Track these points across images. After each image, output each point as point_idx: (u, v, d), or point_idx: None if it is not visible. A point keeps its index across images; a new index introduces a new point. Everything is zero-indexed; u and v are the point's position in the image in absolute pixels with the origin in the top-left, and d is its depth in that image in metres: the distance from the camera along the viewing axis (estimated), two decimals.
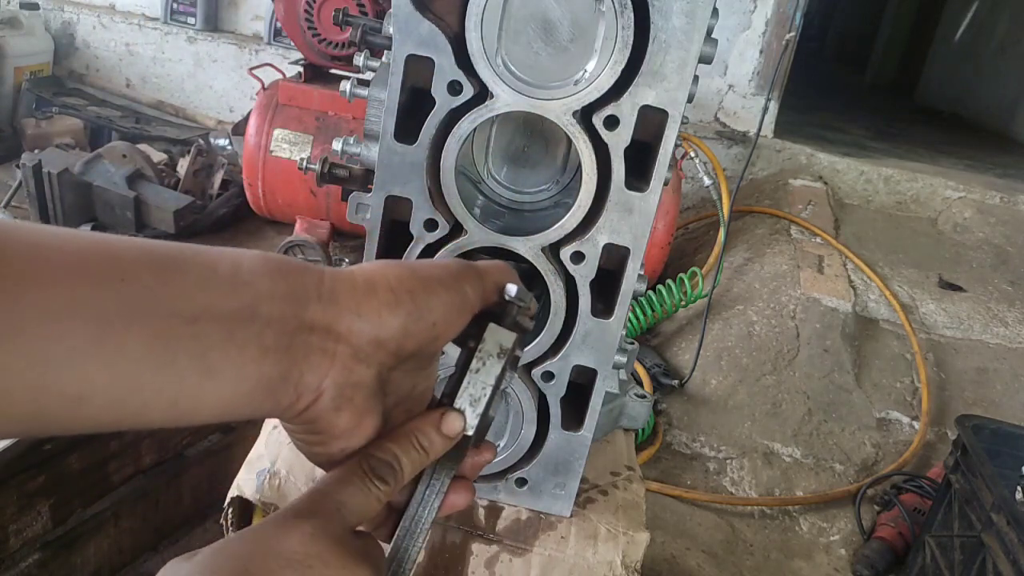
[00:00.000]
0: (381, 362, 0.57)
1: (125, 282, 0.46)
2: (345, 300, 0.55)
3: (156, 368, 0.47)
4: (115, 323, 0.45)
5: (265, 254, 0.55)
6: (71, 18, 5.49)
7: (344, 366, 0.55)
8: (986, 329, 3.46)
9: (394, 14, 0.78)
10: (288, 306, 0.52)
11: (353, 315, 0.55)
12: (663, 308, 3.28)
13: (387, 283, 0.56)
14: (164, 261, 0.49)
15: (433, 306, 0.57)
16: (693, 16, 0.76)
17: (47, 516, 1.58)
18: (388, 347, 0.56)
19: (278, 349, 0.52)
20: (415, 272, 0.58)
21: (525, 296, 0.61)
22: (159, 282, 0.48)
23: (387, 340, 0.56)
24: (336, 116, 3.52)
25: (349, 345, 0.55)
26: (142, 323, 0.46)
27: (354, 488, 0.55)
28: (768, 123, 4.51)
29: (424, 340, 0.58)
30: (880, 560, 2.49)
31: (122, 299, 0.46)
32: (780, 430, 2.98)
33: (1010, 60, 7.14)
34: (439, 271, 0.59)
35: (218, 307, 0.49)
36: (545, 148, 0.99)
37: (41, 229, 0.45)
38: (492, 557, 1.00)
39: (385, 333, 0.55)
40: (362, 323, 0.55)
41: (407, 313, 0.56)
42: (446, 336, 0.59)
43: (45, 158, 3.68)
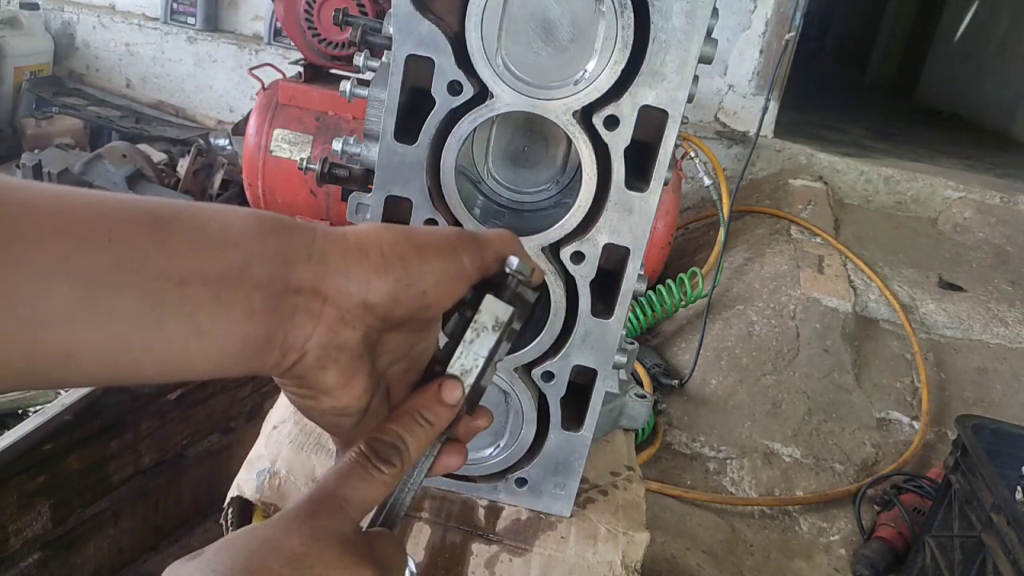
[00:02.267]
0: (369, 325, 0.57)
1: (114, 242, 0.46)
2: (334, 262, 0.55)
3: (145, 328, 0.47)
4: (104, 283, 0.46)
5: (258, 212, 0.55)
6: (71, 18, 5.49)
7: (329, 327, 0.55)
8: (986, 329, 3.46)
9: (394, 14, 0.78)
10: (277, 267, 0.53)
11: (341, 277, 0.55)
12: (663, 308, 3.28)
13: (379, 247, 0.56)
14: (155, 221, 0.49)
15: (424, 274, 0.57)
16: (693, 16, 0.76)
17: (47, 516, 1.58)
18: (376, 311, 0.56)
19: (265, 311, 0.52)
20: (410, 238, 0.58)
21: (525, 268, 0.60)
22: (149, 242, 0.48)
23: (375, 304, 0.56)
24: (336, 116, 3.52)
25: (336, 307, 0.55)
26: (131, 284, 0.47)
27: (357, 480, 0.55)
28: (768, 123, 4.51)
29: (414, 307, 0.57)
30: (880, 560, 2.49)
31: (111, 259, 0.46)
32: (780, 430, 2.98)
33: (1010, 60, 7.14)
34: (435, 238, 0.59)
35: (207, 268, 0.50)
36: (545, 148, 0.99)
37: (32, 186, 0.45)
38: (492, 557, 1.00)
39: (373, 297, 0.55)
40: (350, 286, 0.55)
41: (396, 279, 0.56)
42: (439, 305, 0.59)
43: (45, 158, 3.68)
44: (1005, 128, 6.91)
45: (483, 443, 1.01)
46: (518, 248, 0.63)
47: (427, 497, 1.03)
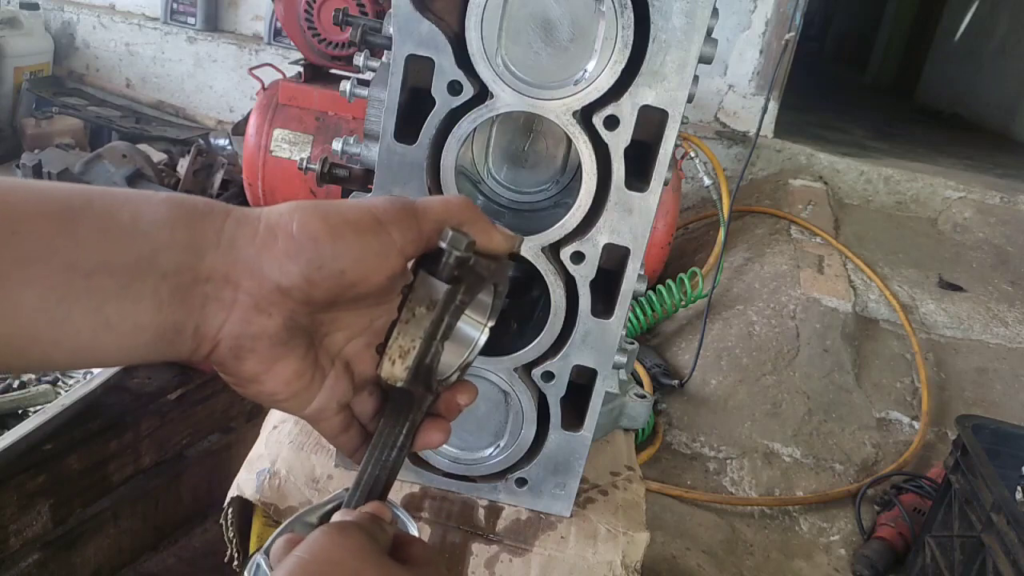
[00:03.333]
0: (290, 310, 0.55)
1: (18, 235, 0.46)
2: (244, 248, 0.53)
3: (52, 323, 0.47)
4: (9, 278, 0.46)
5: (172, 198, 0.54)
6: (71, 18, 5.49)
7: (242, 317, 0.54)
8: (986, 329, 3.46)
9: (394, 14, 0.78)
10: (186, 256, 0.52)
11: (252, 264, 0.53)
12: (663, 308, 3.28)
13: (288, 229, 0.54)
14: (64, 211, 0.48)
15: (339, 253, 0.54)
16: (693, 16, 0.76)
17: (47, 516, 1.58)
18: (293, 295, 0.54)
19: (173, 301, 0.51)
20: (325, 216, 0.55)
21: (459, 241, 0.56)
22: (56, 233, 0.47)
23: (289, 288, 0.54)
24: (336, 116, 3.52)
25: (249, 295, 0.53)
26: (37, 277, 0.46)
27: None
28: (768, 123, 4.51)
29: (335, 287, 0.55)
30: (880, 560, 2.49)
31: (16, 253, 0.46)
32: (780, 430, 2.98)
33: (1010, 60, 7.14)
34: (354, 213, 0.56)
35: (115, 259, 0.49)
36: (545, 148, 0.99)
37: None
38: (492, 557, 1.00)
39: (286, 281, 0.53)
40: (262, 272, 0.53)
41: (307, 261, 0.53)
42: (368, 282, 0.56)
43: (45, 158, 3.68)
44: (1005, 128, 6.91)
45: (483, 443, 1.01)
46: (466, 214, 0.59)
47: (427, 497, 1.03)
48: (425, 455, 1.01)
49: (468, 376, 0.67)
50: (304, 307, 0.55)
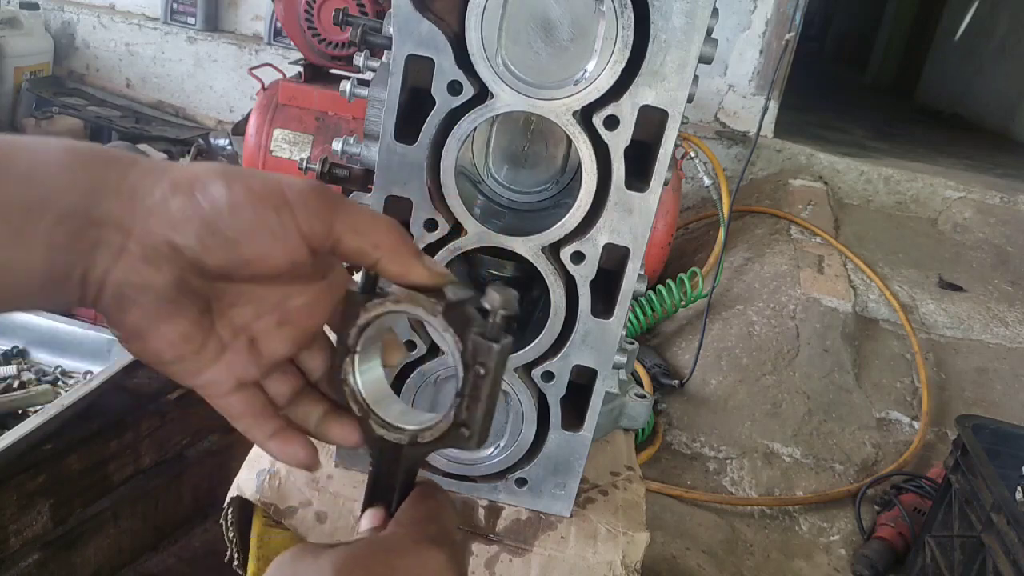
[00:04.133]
0: (181, 269, 0.53)
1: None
2: (144, 198, 0.52)
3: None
4: None
5: (73, 143, 0.53)
6: (71, 18, 5.49)
7: (130, 265, 0.52)
8: (986, 329, 3.46)
9: (394, 14, 0.78)
10: (82, 200, 0.51)
11: (148, 215, 0.52)
12: (663, 308, 3.28)
13: (191, 188, 0.52)
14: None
15: (234, 223, 0.52)
16: (693, 16, 0.76)
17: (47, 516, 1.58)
18: (186, 255, 0.53)
19: (66, 245, 0.51)
20: (230, 183, 0.53)
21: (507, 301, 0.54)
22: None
23: (183, 248, 0.52)
24: (336, 116, 3.52)
25: (139, 244, 0.52)
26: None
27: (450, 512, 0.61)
28: (768, 123, 4.51)
29: (228, 259, 0.53)
30: (880, 560, 2.49)
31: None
32: (780, 430, 2.98)
33: (1010, 60, 7.14)
34: (264, 187, 0.54)
35: (10, 203, 0.49)
36: (545, 148, 0.99)
37: None
38: (492, 557, 1.00)
39: (179, 240, 0.52)
40: (155, 223, 0.52)
41: (201, 223, 0.52)
42: (265, 261, 0.54)
43: None
44: (1005, 128, 6.91)
45: None
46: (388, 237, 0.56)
47: None
48: None
49: None
50: (197, 271, 0.54)
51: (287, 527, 1.00)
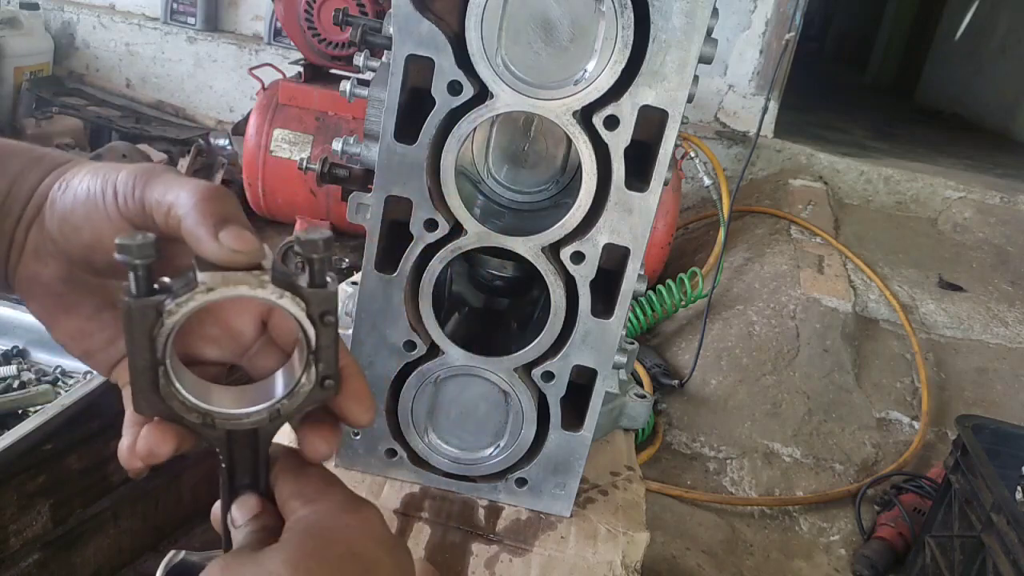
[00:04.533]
0: (67, 265, 0.57)
1: None
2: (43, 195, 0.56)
3: None
4: None
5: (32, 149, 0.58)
6: (71, 18, 5.49)
7: (26, 261, 0.57)
8: (986, 329, 3.46)
9: (394, 14, 0.78)
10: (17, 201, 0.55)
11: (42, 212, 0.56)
12: (663, 308, 3.28)
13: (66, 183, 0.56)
14: None
15: (76, 211, 0.55)
16: (693, 16, 0.76)
17: (47, 516, 1.58)
18: (61, 248, 0.56)
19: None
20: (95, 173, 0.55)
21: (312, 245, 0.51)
22: None
23: (55, 240, 0.56)
24: (336, 116, 3.52)
25: (32, 240, 0.56)
26: None
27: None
28: (768, 123, 4.51)
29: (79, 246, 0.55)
30: (880, 560, 2.49)
31: None
32: (780, 430, 2.98)
33: (1010, 60, 7.14)
34: (108, 174, 0.55)
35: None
36: (545, 148, 0.99)
37: None
38: (492, 557, 1.00)
39: (51, 233, 0.56)
40: (46, 219, 0.56)
41: (62, 215, 0.55)
42: (102, 248, 0.54)
43: None
44: (1005, 128, 6.91)
45: (483, 443, 1.01)
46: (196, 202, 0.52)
47: (427, 497, 1.03)
48: (425, 455, 1.01)
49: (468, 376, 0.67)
50: (78, 266, 0.57)
51: None
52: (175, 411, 0.54)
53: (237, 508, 0.57)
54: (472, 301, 1.14)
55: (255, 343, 0.60)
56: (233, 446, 0.57)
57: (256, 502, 0.57)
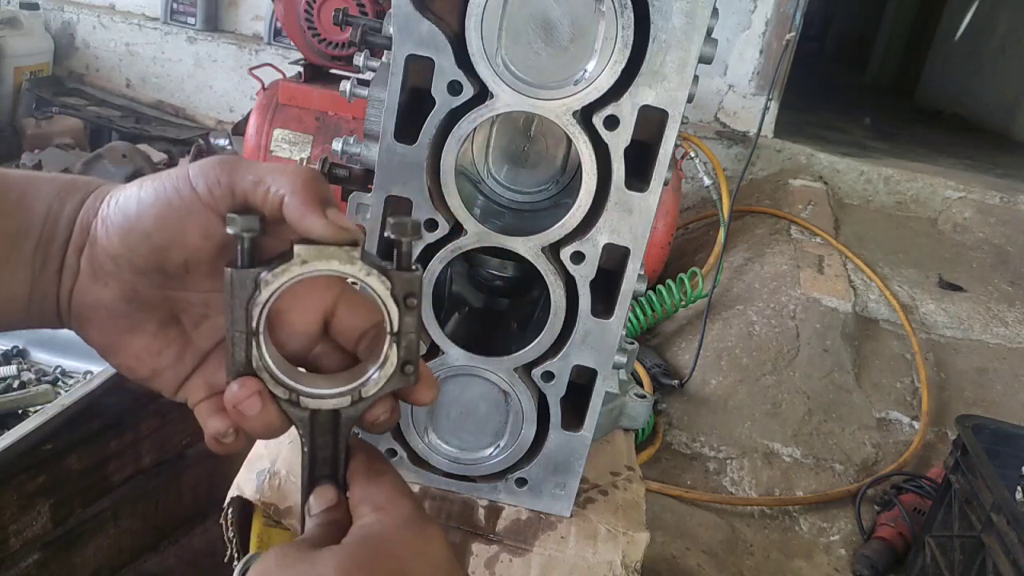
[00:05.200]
0: (128, 282, 0.55)
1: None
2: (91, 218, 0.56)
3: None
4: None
5: (57, 176, 0.57)
6: (71, 18, 5.49)
7: (83, 285, 0.56)
8: (986, 329, 3.46)
9: (394, 14, 0.78)
10: (53, 226, 0.55)
11: (93, 233, 0.55)
12: (663, 308, 3.28)
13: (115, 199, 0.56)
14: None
15: (143, 213, 0.54)
16: (693, 16, 0.76)
17: (47, 516, 1.58)
18: (122, 264, 0.55)
19: (42, 269, 0.55)
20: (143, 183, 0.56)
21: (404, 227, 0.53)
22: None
23: (116, 256, 0.55)
24: (336, 116, 3.52)
25: (88, 262, 0.55)
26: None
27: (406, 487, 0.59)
28: (768, 123, 4.51)
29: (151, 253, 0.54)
30: (880, 560, 2.49)
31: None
32: (780, 430, 2.98)
33: (1010, 60, 7.14)
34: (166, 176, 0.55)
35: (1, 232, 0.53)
36: (545, 148, 0.99)
37: None
38: (492, 557, 1.00)
39: (112, 249, 0.55)
40: (96, 241, 0.55)
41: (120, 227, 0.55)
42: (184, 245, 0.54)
43: (45, 158, 3.68)
44: (1005, 128, 6.91)
45: (483, 443, 1.01)
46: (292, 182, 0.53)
47: (427, 497, 1.03)
48: (425, 455, 1.01)
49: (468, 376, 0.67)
50: (143, 280, 0.55)
51: (287, 527, 1.00)
52: (264, 383, 0.56)
53: (315, 498, 0.58)
54: (472, 301, 1.14)
55: (317, 345, 0.61)
56: (315, 429, 0.58)
57: (333, 495, 0.58)
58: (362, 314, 0.59)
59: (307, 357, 0.61)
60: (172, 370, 0.59)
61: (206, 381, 0.60)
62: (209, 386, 0.60)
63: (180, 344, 0.59)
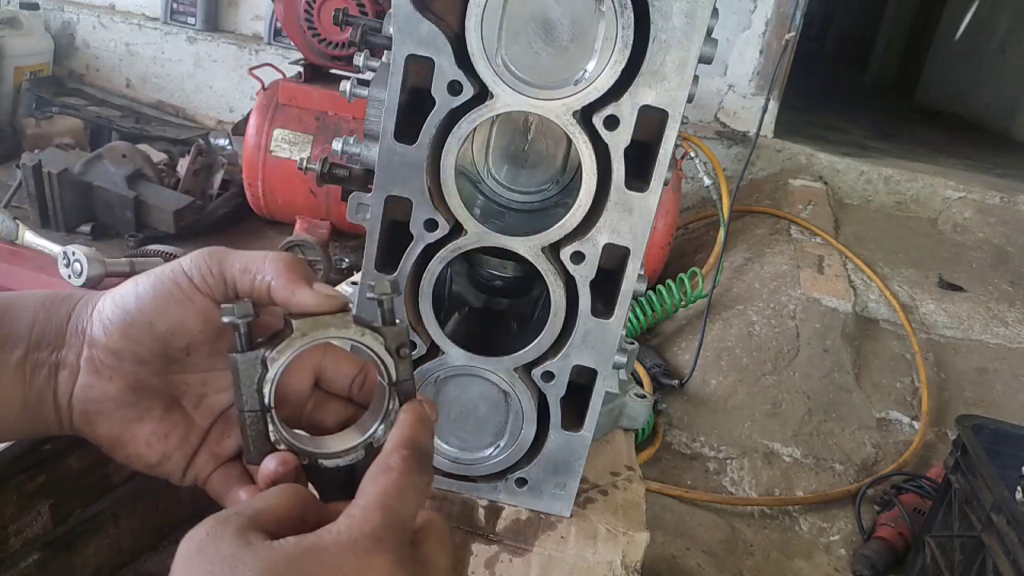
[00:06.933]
0: (131, 373, 0.59)
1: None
2: (84, 319, 0.59)
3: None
4: None
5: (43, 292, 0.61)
6: (71, 18, 5.49)
7: (85, 382, 0.58)
8: (986, 329, 3.46)
9: (394, 14, 0.78)
10: (44, 332, 0.58)
11: (88, 332, 0.58)
12: (663, 308, 3.28)
13: (110, 296, 0.59)
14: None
15: (143, 306, 0.58)
16: (693, 16, 0.76)
17: (47, 516, 1.57)
18: (125, 357, 0.58)
19: (35, 373, 0.58)
20: (138, 279, 0.60)
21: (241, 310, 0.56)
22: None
23: (118, 350, 0.58)
24: (336, 116, 3.52)
25: (88, 360, 0.58)
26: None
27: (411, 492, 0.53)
28: (768, 123, 4.51)
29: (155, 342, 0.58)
30: (880, 560, 2.49)
31: None
32: (780, 430, 2.98)
33: (1011, 60, 7.14)
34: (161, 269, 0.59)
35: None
36: (545, 148, 0.99)
37: None
38: (492, 557, 1.00)
39: (112, 344, 0.58)
40: (94, 338, 0.58)
41: (120, 321, 0.58)
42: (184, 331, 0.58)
43: (45, 158, 3.68)
44: (1005, 128, 6.91)
45: (483, 443, 1.01)
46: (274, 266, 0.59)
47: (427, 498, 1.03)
48: None
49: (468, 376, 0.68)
50: (145, 368, 0.59)
51: None
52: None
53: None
54: (472, 301, 1.14)
55: (310, 399, 0.64)
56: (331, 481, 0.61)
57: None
58: (348, 365, 0.64)
59: (303, 413, 0.65)
60: (180, 451, 0.62)
61: (212, 453, 0.63)
62: (216, 457, 0.64)
63: (185, 425, 0.62)
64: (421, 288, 0.89)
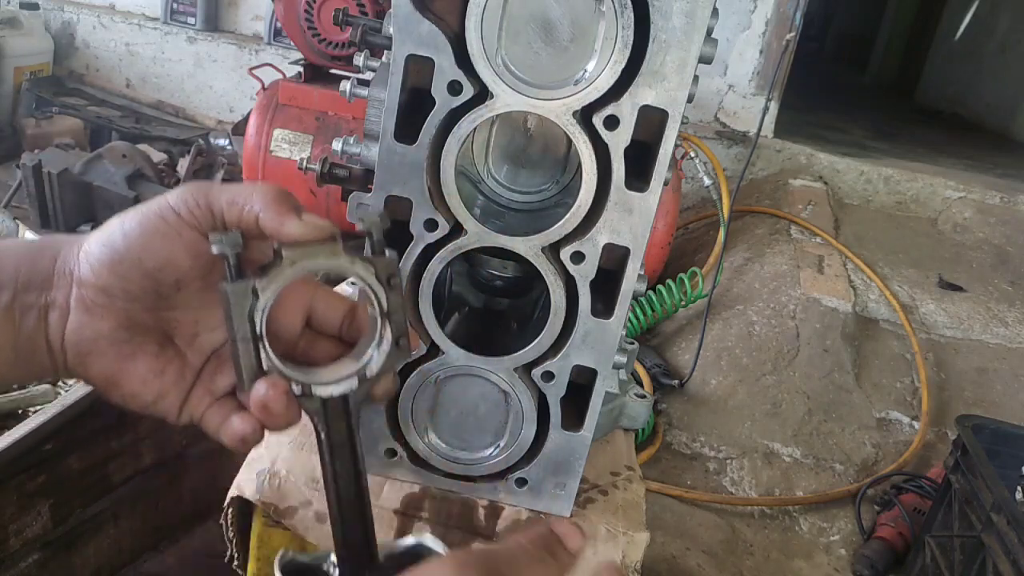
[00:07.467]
0: (122, 310, 0.58)
1: None
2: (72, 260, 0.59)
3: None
4: None
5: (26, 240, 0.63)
6: (71, 18, 5.49)
7: (77, 321, 0.58)
8: (986, 329, 3.46)
9: (394, 14, 0.78)
10: (32, 276, 0.58)
11: (77, 271, 0.58)
12: (663, 308, 3.28)
13: (95, 236, 0.59)
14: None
15: (130, 243, 0.58)
16: (693, 16, 0.76)
17: (47, 516, 1.58)
18: (115, 294, 0.58)
19: (24, 317, 0.57)
20: (122, 217, 0.59)
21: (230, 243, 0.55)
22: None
23: (107, 287, 0.58)
24: (336, 116, 3.52)
25: (78, 300, 0.58)
26: None
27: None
28: (768, 123, 4.50)
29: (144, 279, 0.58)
30: (880, 560, 2.49)
31: None
32: (780, 430, 2.98)
33: (1010, 60, 7.14)
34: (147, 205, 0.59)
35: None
36: (545, 148, 0.99)
37: None
38: None
39: (101, 281, 0.57)
40: (83, 277, 0.58)
41: (109, 258, 0.58)
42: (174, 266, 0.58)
43: (45, 158, 3.68)
44: (1005, 128, 6.91)
45: (483, 443, 1.01)
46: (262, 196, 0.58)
47: (427, 497, 1.03)
48: (425, 455, 1.01)
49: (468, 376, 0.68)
50: (136, 305, 0.59)
51: (287, 527, 1.00)
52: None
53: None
54: (472, 301, 1.14)
55: (301, 339, 0.65)
56: (328, 416, 0.61)
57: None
58: (338, 304, 0.65)
59: (295, 352, 0.65)
60: (175, 388, 0.62)
61: (206, 391, 0.63)
62: (211, 394, 0.63)
63: (179, 362, 0.62)
64: (421, 288, 0.89)
